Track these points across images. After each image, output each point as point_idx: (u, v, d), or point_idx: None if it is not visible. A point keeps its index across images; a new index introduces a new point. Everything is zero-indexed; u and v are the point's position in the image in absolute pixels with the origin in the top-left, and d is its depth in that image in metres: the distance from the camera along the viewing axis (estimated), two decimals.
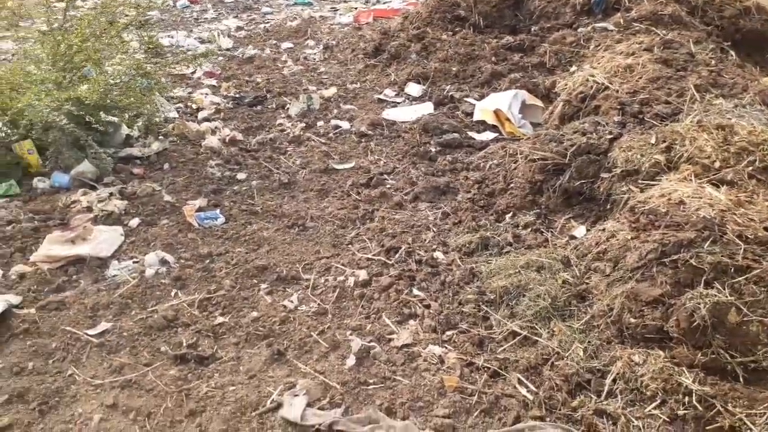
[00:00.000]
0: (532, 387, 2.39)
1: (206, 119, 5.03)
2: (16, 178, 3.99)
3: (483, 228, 3.36)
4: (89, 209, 3.59)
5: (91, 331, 2.70)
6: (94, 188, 3.87)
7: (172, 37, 7.33)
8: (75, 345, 2.64)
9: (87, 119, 4.20)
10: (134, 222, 3.51)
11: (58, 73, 4.38)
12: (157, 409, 2.31)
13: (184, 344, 2.63)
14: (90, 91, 4.00)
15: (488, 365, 2.51)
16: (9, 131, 4.17)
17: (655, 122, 3.70)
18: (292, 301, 2.93)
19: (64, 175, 3.99)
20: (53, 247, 3.20)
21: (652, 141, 3.43)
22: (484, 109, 4.87)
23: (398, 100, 5.39)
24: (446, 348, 2.61)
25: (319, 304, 2.91)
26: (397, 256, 3.20)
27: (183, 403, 2.34)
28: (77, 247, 3.20)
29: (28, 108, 3.91)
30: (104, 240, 3.27)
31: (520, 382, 2.43)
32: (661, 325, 2.45)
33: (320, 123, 5.00)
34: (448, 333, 2.69)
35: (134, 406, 2.33)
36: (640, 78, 4.26)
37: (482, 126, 4.76)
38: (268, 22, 8.23)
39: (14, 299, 2.87)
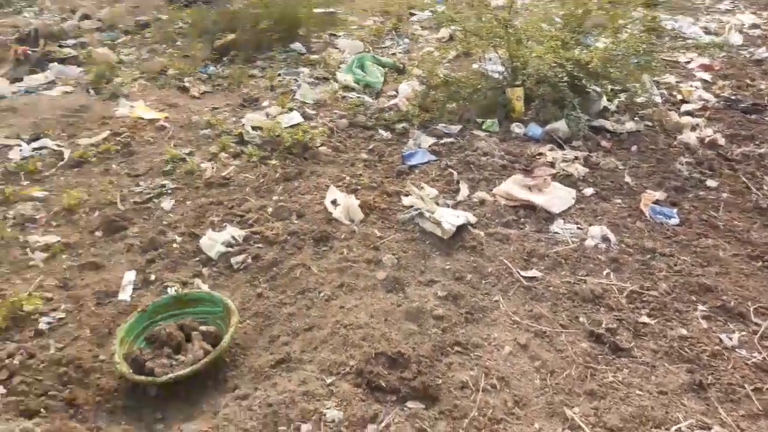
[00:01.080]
0: None
1: (689, 113, 4.62)
2: (498, 118, 4.49)
3: None
4: (552, 165, 3.78)
5: (523, 272, 2.89)
6: (561, 147, 4.05)
7: (676, 21, 6.91)
8: (506, 277, 2.87)
9: (576, 83, 4.37)
10: (588, 191, 3.54)
11: (567, 33, 4.64)
12: (560, 371, 2.34)
13: (603, 325, 2.56)
14: (595, 56, 4.09)
15: None
16: (508, 76, 4.70)
17: None
18: (731, 339, 2.52)
19: (539, 127, 4.28)
20: (514, 187, 3.50)
21: None
22: None
23: None
24: None
25: (764, 358, 2.42)
26: None
27: (586, 379, 2.31)
28: (533, 195, 3.42)
29: (535, 59, 4.28)
30: (558, 197, 3.41)
31: None
32: None
33: None
34: None
35: (541, 357, 2.41)
36: None
37: None
38: None
39: (472, 218, 3.29)
